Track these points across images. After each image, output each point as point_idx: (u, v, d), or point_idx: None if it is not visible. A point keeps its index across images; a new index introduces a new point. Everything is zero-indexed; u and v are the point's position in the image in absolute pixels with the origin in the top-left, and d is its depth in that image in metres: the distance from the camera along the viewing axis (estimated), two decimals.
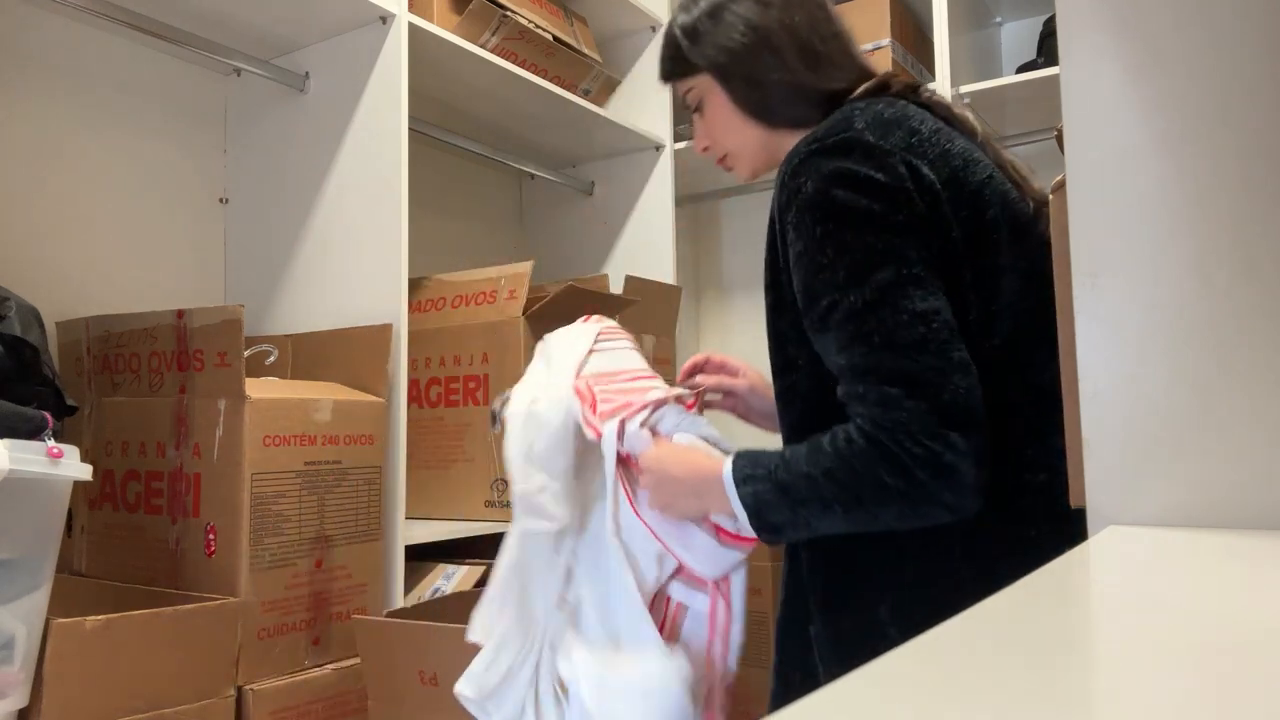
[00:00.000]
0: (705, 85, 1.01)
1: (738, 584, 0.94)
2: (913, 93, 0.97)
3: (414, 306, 1.67)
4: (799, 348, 0.91)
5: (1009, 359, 0.86)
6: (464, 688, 0.95)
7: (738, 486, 0.84)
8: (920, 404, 0.78)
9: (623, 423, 0.92)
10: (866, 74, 1.00)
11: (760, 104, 0.99)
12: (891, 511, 0.80)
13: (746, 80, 0.99)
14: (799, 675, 0.91)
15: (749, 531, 0.86)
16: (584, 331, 1.04)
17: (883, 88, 0.96)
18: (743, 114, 1.00)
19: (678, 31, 1.01)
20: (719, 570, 0.93)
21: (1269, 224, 0.53)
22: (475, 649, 1.02)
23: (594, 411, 0.93)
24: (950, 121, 0.96)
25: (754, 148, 1.03)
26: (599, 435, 0.92)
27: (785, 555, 0.94)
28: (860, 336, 0.81)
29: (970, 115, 0.98)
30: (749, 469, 0.85)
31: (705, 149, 1.06)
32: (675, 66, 1.03)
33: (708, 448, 0.92)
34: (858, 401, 0.81)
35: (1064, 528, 0.85)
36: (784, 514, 0.83)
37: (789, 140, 0.95)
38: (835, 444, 0.81)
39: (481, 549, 1.62)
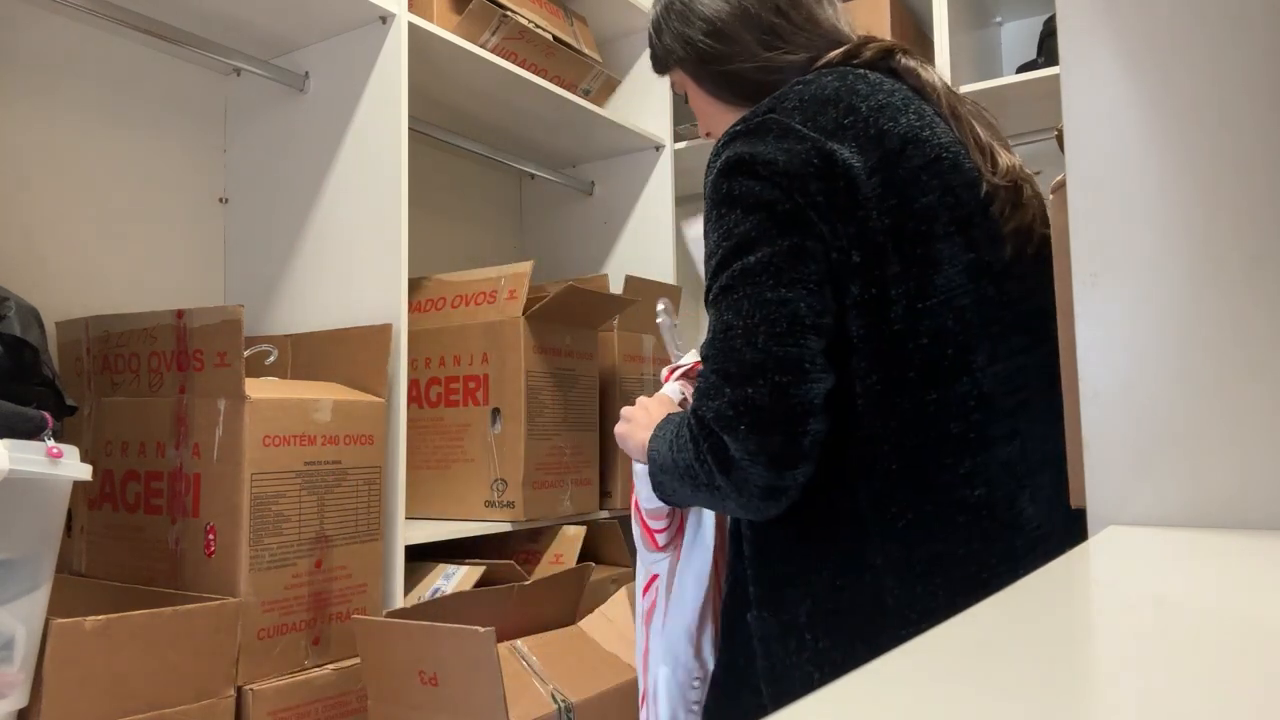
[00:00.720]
0: (681, 77, 1.04)
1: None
2: (885, 57, 0.95)
3: (414, 306, 1.67)
4: None
5: (938, 361, 0.82)
6: None
7: (649, 446, 0.92)
8: (726, 397, 0.78)
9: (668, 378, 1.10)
10: (839, 41, 0.98)
11: (733, 89, 1.00)
12: (702, 496, 0.85)
13: (713, 70, 1.00)
14: (741, 659, 0.91)
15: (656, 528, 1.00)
16: None
17: (850, 56, 0.95)
18: (719, 101, 1.02)
19: (651, 30, 1.05)
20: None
21: (1269, 223, 0.53)
22: (473, 648, 1.03)
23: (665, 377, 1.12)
24: (921, 91, 0.92)
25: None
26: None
27: (729, 543, 0.96)
28: (715, 321, 0.83)
29: (937, 79, 0.94)
30: (656, 434, 0.92)
31: (708, 134, 1.07)
32: (656, 65, 1.07)
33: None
34: (696, 387, 0.85)
35: (1003, 545, 0.81)
36: (659, 482, 0.91)
37: None
38: (680, 424, 0.86)
39: (481, 549, 1.62)
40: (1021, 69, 2.03)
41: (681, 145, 2.16)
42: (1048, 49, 2.00)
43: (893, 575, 0.81)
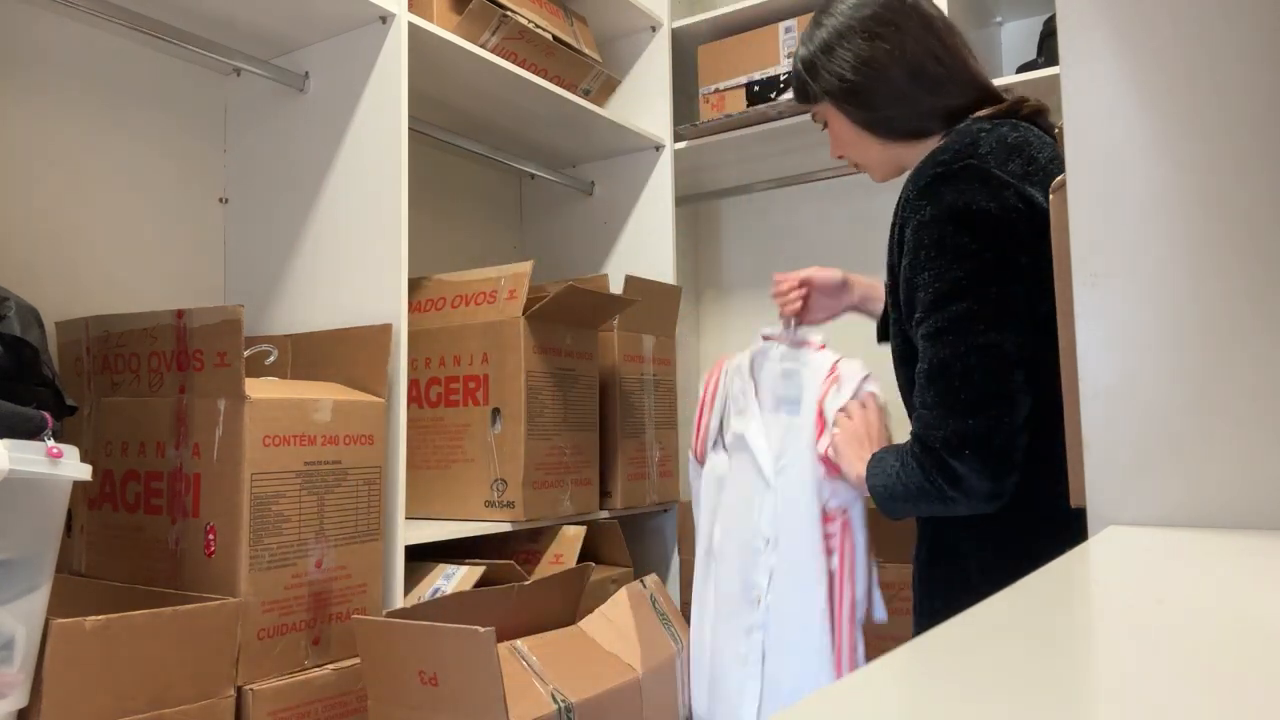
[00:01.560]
0: (826, 109, 1.14)
1: (856, 516, 1.18)
2: (1040, 116, 1.06)
3: (414, 306, 1.67)
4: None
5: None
6: None
7: (868, 481, 1.07)
8: (950, 427, 0.94)
9: None
10: (986, 91, 1.09)
11: (876, 124, 1.10)
12: (935, 507, 0.99)
13: (860, 106, 1.10)
14: (941, 597, 1.07)
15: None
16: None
17: (1012, 111, 1.05)
18: (862, 132, 1.12)
19: (799, 64, 1.14)
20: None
21: (1269, 223, 0.53)
22: (473, 648, 1.03)
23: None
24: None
25: (878, 159, 1.15)
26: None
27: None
28: (928, 357, 0.96)
29: None
30: (874, 470, 1.06)
31: (840, 157, 1.20)
32: (799, 95, 1.17)
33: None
34: (917, 411, 0.99)
35: None
36: (887, 508, 1.05)
37: (911, 150, 1.08)
38: (903, 454, 1.00)
39: (481, 549, 1.62)
40: (1021, 69, 2.03)
41: (681, 145, 2.16)
42: (1048, 49, 2.00)
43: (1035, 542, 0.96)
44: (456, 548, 1.55)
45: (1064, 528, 0.92)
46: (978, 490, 0.94)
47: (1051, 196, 0.65)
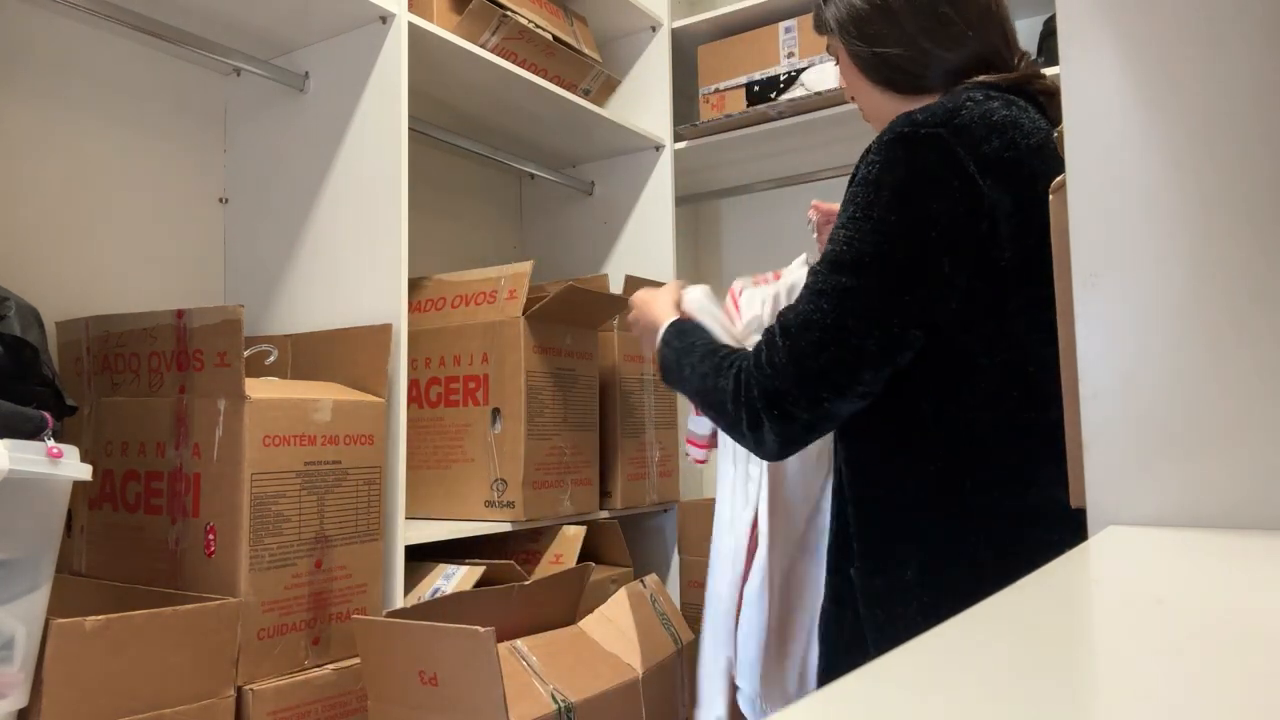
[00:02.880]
0: (836, 43, 1.08)
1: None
2: (1048, 98, 0.99)
3: (414, 306, 1.67)
4: None
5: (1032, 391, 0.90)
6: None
7: (661, 343, 1.11)
8: (778, 384, 0.91)
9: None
10: (1000, 52, 1.00)
11: (879, 70, 1.03)
12: (719, 420, 0.99)
13: (867, 45, 1.03)
14: (849, 613, 0.99)
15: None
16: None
17: (1019, 84, 0.97)
18: (864, 77, 1.05)
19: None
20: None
21: (1269, 222, 0.53)
22: (474, 648, 1.03)
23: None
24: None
25: (875, 109, 1.07)
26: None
27: (833, 505, 1.04)
28: (800, 306, 0.93)
29: None
30: (672, 336, 1.09)
31: (852, 99, 1.12)
32: (816, 23, 1.11)
33: (709, 312, 1.16)
34: (762, 341, 0.95)
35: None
36: (672, 377, 1.08)
37: (907, 104, 0.99)
38: (723, 361, 0.99)
39: (481, 549, 1.62)
40: None
41: (681, 145, 2.16)
42: (1048, 49, 2.00)
43: (987, 549, 0.91)
44: (456, 548, 1.55)
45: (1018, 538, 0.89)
46: (767, 447, 0.94)
47: (1051, 197, 0.65)
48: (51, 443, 0.95)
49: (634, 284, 1.79)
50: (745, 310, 1.22)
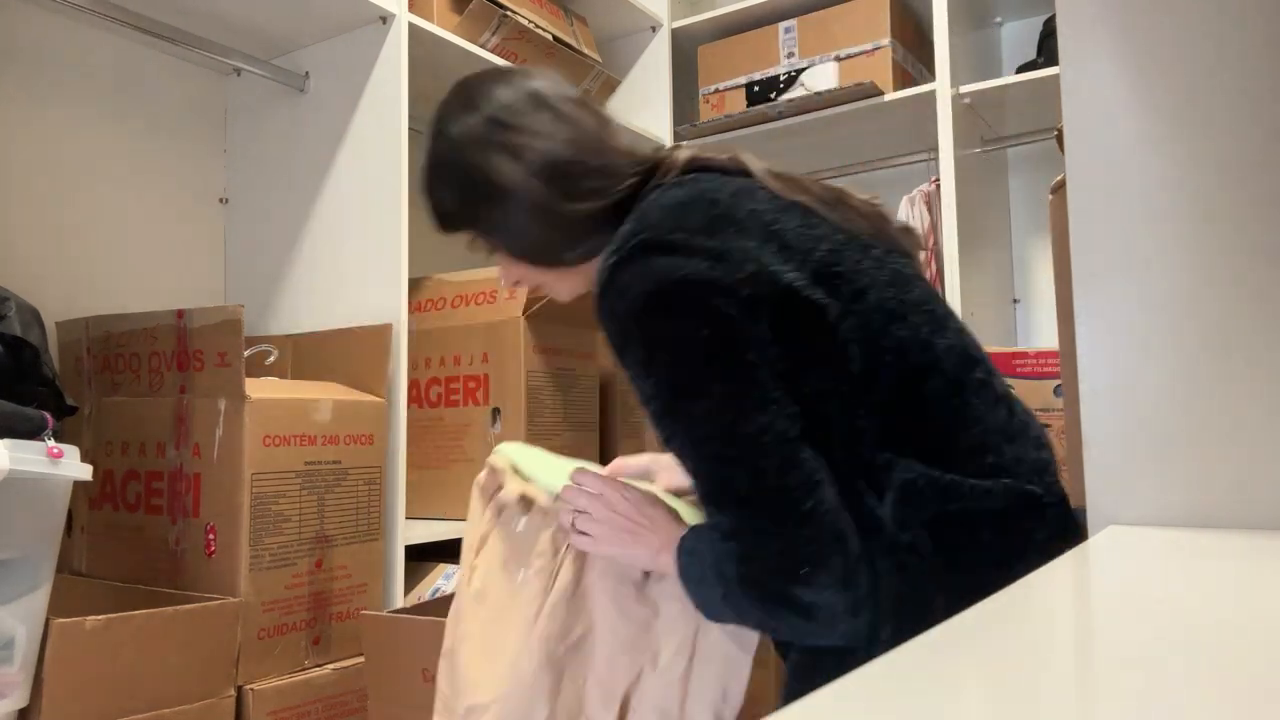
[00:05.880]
0: (476, 241, 0.96)
1: None
2: (720, 164, 0.91)
3: (414, 306, 1.67)
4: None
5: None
6: None
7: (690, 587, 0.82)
8: (770, 550, 0.73)
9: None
10: (650, 162, 0.90)
11: (538, 253, 0.92)
12: (789, 632, 0.79)
13: (508, 234, 0.92)
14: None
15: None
16: None
17: (689, 168, 0.89)
18: (527, 265, 0.94)
19: (431, 202, 0.95)
20: None
21: (1268, 223, 0.53)
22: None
23: None
24: (750, 178, 0.89)
25: (560, 284, 0.97)
26: None
27: None
28: (700, 478, 0.77)
29: (754, 165, 0.91)
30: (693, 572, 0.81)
31: (516, 283, 0.99)
32: (441, 225, 0.96)
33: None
34: (721, 545, 0.76)
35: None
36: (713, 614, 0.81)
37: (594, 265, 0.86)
38: (725, 582, 0.76)
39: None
40: (1021, 69, 2.03)
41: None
42: (1048, 49, 2.00)
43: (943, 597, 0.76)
44: (456, 548, 1.55)
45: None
46: (838, 607, 0.72)
47: (1051, 197, 0.65)
48: (52, 443, 0.95)
49: None
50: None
